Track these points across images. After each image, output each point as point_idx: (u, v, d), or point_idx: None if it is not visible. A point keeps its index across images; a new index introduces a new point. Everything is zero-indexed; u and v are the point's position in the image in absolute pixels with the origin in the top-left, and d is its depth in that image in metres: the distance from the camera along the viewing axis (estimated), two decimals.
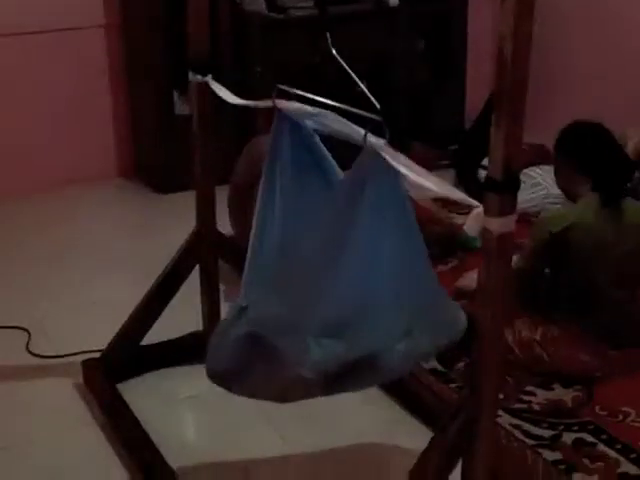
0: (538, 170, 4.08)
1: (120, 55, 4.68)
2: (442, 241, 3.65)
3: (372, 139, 1.82)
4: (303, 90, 2.13)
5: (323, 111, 2.02)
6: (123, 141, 4.83)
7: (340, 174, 2.17)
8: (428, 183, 1.70)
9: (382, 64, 4.81)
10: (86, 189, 4.59)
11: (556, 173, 3.01)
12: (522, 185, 3.91)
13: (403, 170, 1.73)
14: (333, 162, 2.18)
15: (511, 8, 1.53)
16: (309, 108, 2.06)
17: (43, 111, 4.57)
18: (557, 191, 3.95)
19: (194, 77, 2.62)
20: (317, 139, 2.17)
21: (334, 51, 2.08)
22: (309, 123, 2.11)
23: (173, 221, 3.74)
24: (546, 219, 2.88)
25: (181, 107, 4.45)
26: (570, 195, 2.93)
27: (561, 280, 2.84)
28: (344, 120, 1.96)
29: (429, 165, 4.81)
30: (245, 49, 4.54)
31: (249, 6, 4.52)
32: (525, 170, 4.02)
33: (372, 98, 1.87)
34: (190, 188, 2.86)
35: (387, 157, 1.77)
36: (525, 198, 3.86)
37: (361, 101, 1.90)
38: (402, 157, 1.76)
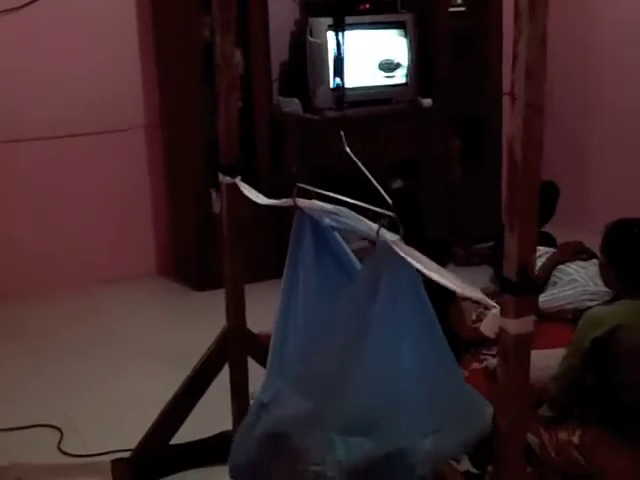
0: (574, 266, 4.02)
1: (160, 155, 4.81)
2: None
3: (386, 234, 1.83)
4: (332, 189, 2.15)
5: (339, 208, 2.04)
6: (162, 239, 4.92)
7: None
8: (444, 280, 1.69)
9: (417, 162, 4.87)
10: (124, 286, 4.67)
11: (601, 272, 2.92)
12: (559, 282, 3.89)
13: (417, 266, 1.73)
14: (353, 257, 2.19)
15: (520, 110, 1.53)
16: (327, 206, 2.09)
17: (85, 209, 4.70)
18: (594, 288, 3.91)
19: (224, 178, 2.68)
20: (336, 235, 2.19)
21: (348, 149, 2.12)
22: (327, 220, 2.13)
23: (207, 317, 3.74)
24: (589, 321, 2.71)
25: (219, 206, 4.51)
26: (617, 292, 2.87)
27: (605, 384, 2.73)
28: (359, 217, 1.98)
29: (468, 262, 4.80)
30: (282, 149, 4.64)
31: (286, 107, 4.66)
32: (561, 266, 3.98)
33: (385, 194, 1.88)
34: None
35: (400, 252, 1.78)
36: (561, 295, 3.82)
37: (391, 198, 1.90)
38: (416, 253, 1.76)
